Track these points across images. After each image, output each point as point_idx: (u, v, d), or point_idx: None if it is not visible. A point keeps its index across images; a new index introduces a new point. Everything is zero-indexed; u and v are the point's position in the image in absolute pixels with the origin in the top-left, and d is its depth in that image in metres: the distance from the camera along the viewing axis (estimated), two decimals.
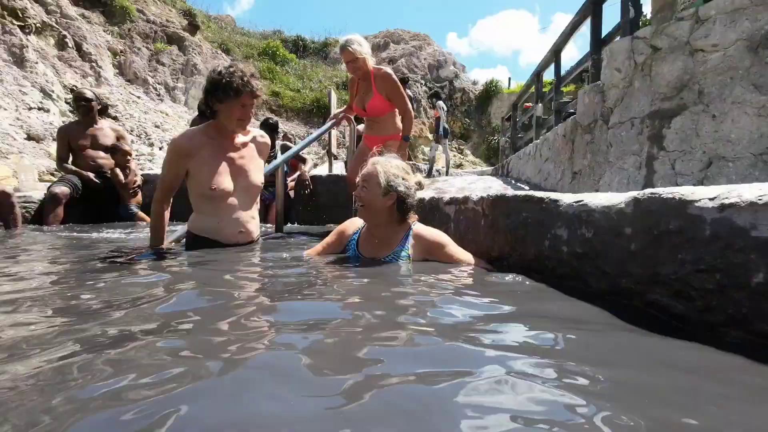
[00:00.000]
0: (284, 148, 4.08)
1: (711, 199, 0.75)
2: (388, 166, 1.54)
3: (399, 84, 2.81)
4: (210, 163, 1.85)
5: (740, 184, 0.75)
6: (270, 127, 4.41)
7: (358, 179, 1.56)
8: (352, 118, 3.35)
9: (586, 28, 4.30)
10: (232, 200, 1.90)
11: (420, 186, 1.62)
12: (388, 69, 2.84)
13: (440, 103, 9.10)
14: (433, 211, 2.18)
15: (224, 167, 1.87)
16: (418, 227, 1.61)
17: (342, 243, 1.70)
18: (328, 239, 1.74)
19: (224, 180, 1.86)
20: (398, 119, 2.92)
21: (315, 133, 3.43)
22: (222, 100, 1.82)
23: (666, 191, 0.85)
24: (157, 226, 1.89)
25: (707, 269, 0.73)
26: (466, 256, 1.54)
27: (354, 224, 1.73)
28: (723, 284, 0.71)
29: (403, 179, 1.54)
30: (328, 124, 3.42)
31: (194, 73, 11.37)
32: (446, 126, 9.06)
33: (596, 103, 3.27)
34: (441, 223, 2.04)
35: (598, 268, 1.00)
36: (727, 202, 0.72)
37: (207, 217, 1.88)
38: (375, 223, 1.58)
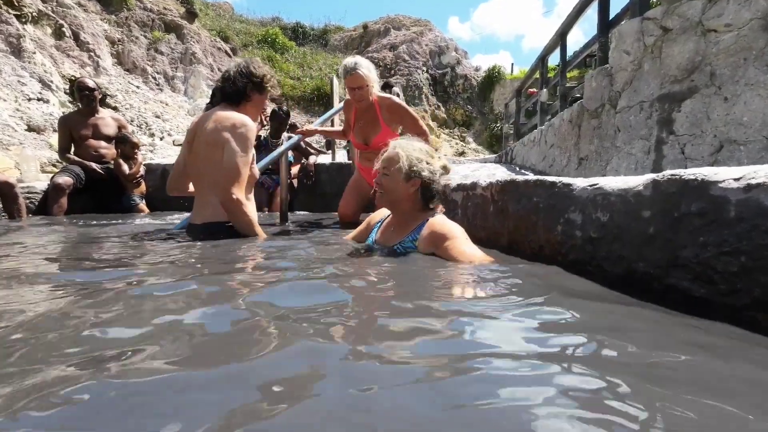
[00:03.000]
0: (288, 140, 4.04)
1: (736, 180, 0.73)
2: (410, 149, 1.47)
3: (407, 108, 2.52)
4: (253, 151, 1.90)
5: (767, 164, 0.72)
6: (279, 119, 4.34)
7: (377, 166, 1.50)
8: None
9: (592, 11, 4.20)
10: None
11: (446, 170, 1.53)
12: (394, 97, 2.52)
13: (395, 89, 9.01)
14: None
15: None
16: (436, 218, 1.49)
17: (368, 231, 1.71)
18: (360, 226, 1.80)
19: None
20: None
21: (283, 146, 2.96)
22: (262, 91, 1.92)
23: (687, 172, 0.82)
24: (252, 222, 1.82)
25: (731, 252, 0.71)
26: (474, 255, 1.31)
27: (381, 213, 1.71)
28: (748, 267, 0.69)
29: (427, 163, 1.46)
30: (296, 138, 2.98)
31: (193, 62, 11.24)
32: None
33: (604, 87, 3.21)
34: (448, 210, 2.02)
35: (614, 253, 0.98)
36: (753, 181, 0.70)
37: (251, 205, 1.90)
38: (397, 211, 1.52)
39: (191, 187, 2.02)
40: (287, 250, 1.62)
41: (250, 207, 1.85)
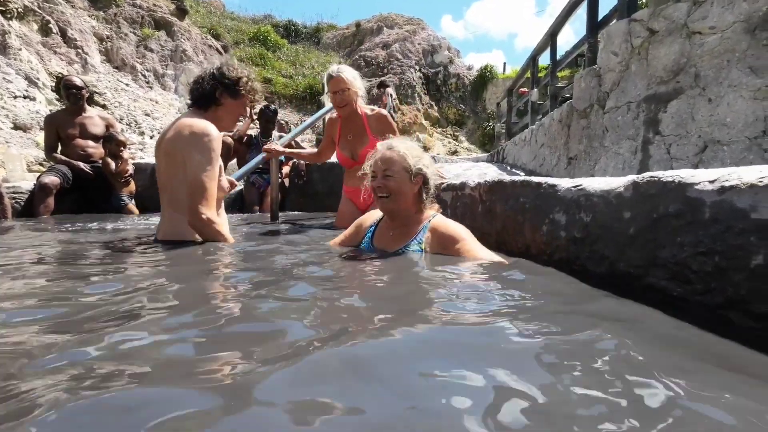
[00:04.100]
0: (280, 138, 4.03)
1: (711, 182, 0.75)
2: (405, 147, 1.43)
3: (395, 125, 2.49)
4: (220, 161, 1.70)
5: (740, 167, 0.74)
6: (266, 116, 4.32)
7: (372, 169, 1.45)
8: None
9: (582, 11, 4.24)
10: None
11: (436, 169, 1.50)
12: (383, 110, 2.50)
13: (389, 90, 9.07)
14: None
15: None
16: (438, 219, 1.44)
17: (359, 236, 1.62)
18: (347, 231, 1.69)
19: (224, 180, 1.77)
20: None
21: (253, 161, 2.86)
22: (235, 95, 1.73)
23: (666, 174, 0.84)
24: (227, 238, 1.66)
25: (706, 252, 0.73)
26: (487, 254, 1.31)
27: (372, 216, 1.64)
28: (722, 267, 0.71)
29: (421, 158, 1.44)
30: (259, 157, 2.83)
31: (183, 60, 11.11)
32: (392, 113, 8.94)
33: (592, 88, 3.25)
34: None
35: (597, 253, 1.00)
36: (727, 184, 0.72)
37: (221, 219, 1.73)
38: (401, 213, 1.45)
39: None
40: (276, 256, 1.60)
41: (222, 222, 1.69)
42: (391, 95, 8.86)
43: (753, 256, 0.66)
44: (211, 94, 1.70)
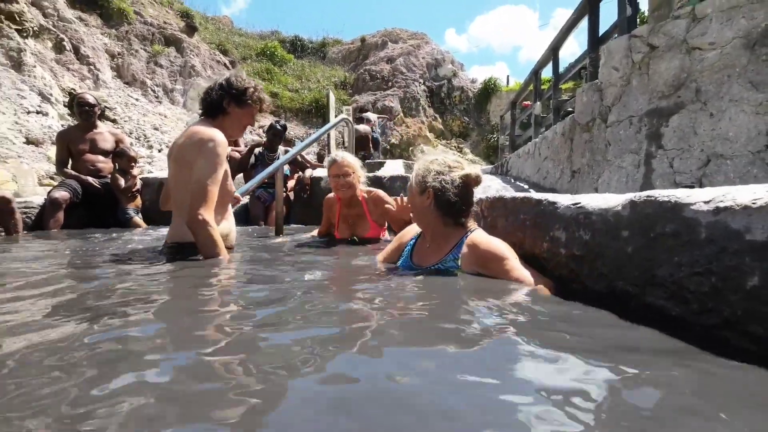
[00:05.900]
0: (286, 153, 4.10)
1: (706, 203, 0.76)
2: (427, 161, 1.43)
3: (389, 199, 2.43)
4: (225, 166, 1.79)
5: (735, 187, 0.75)
6: (273, 130, 4.39)
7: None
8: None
9: (584, 25, 4.30)
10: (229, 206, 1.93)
11: (466, 179, 1.37)
12: (379, 191, 2.48)
13: (367, 114, 8.78)
14: None
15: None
16: (476, 234, 1.36)
17: (400, 250, 1.62)
18: (389, 247, 1.71)
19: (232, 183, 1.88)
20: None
21: (257, 177, 2.99)
22: (241, 105, 1.83)
23: (662, 194, 0.85)
24: (216, 244, 1.63)
25: (702, 272, 0.74)
26: (524, 274, 1.20)
27: (413, 230, 1.63)
28: (718, 287, 0.71)
29: (438, 173, 1.37)
30: (264, 173, 2.96)
31: (192, 75, 11.36)
32: (376, 136, 8.39)
33: (594, 102, 3.27)
34: None
35: (596, 270, 1.01)
36: (722, 205, 0.73)
37: (222, 222, 1.82)
38: (423, 226, 1.47)
39: None
40: (281, 274, 1.62)
41: (221, 226, 1.75)
42: (369, 120, 8.49)
43: (748, 277, 0.67)
44: (218, 103, 1.80)
